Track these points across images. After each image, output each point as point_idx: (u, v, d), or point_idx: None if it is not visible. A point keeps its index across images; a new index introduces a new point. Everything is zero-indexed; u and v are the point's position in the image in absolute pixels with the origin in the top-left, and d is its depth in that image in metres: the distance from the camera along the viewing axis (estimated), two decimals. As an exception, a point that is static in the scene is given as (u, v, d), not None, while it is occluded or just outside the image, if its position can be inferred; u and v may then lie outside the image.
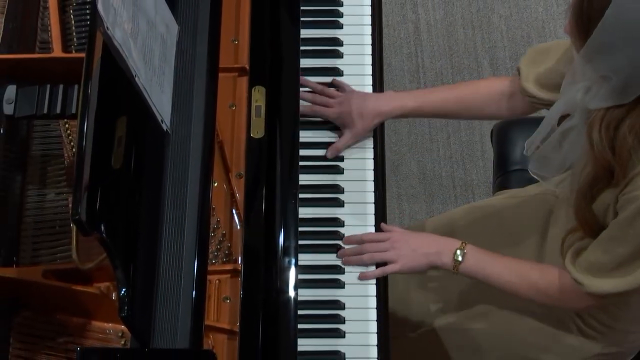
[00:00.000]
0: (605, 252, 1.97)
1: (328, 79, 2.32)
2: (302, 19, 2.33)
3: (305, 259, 2.13)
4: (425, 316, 2.34)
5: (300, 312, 2.06)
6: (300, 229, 2.13)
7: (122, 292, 1.81)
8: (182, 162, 2.05)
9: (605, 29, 1.78)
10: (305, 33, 2.33)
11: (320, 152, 2.26)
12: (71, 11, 2.30)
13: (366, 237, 2.17)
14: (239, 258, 2.09)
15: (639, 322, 2.22)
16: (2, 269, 2.04)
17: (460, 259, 2.13)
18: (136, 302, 1.83)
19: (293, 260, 2.10)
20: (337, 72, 2.32)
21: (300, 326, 2.05)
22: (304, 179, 2.20)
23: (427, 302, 2.31)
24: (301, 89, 2.28)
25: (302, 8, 2.34)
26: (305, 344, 2.05)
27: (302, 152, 2.22)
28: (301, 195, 2.17)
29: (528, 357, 2.30)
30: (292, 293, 2.07)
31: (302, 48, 2.30)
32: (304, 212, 2.16)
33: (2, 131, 2.16)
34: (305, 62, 2.30)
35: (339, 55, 2.34)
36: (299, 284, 2.09)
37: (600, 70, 1.85)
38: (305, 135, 2.24)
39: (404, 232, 2.18)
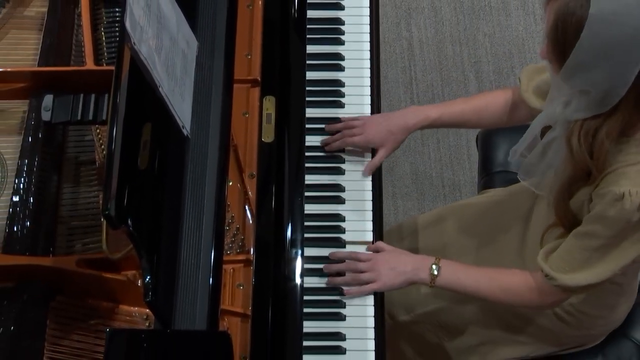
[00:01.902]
0: (577, 246, 1.96)
1: (331, 89, 2.31)
2: (308, 36, 2.33)
3: (311, 250, 2.13)
4: (418, 300, 2.34)
5: (305, 297, 2.06)
6: (305, 223, 2.13)
7: (147, 279, 1.81)
8: (201, 164, 2.05)
9: (582, 51, 1.78)
10: (310, 49, 2.33)
11: (324, 155, 2.25)
12: (102, 29, 2.30)
13: (350, 255, 2.13)
14: (251, 249, 2.08)
15: (611, 309, 2.21)
16: (40, 258, 2.04)
17: (436, 272, 2.08)
18: (159, 289, 1.83)
19: (299, 252, 2.10)
20: (339, 83, 2.31)
21: (305, 310, 2.05)
22: (309, 178, 2.19)
23: (419, 286, 2.30)
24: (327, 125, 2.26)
25: (308, 26, 2.34)
26: (310, 326, 2.05)
27: (308, 155, 2.21)
28: (306, 194, 2.16)
29: (506, 336, 2.29)
30: (298, 280, 2.07)
31: (307, 62, 2.30)
32: (309, 209, 2.16)
33: (40, 136, 2.16)
34: (310, 75, 2.30)
35: (341, 68, 2.34)
36: (305, 273, 2.09)
37: (579, 86, 1.84)
38: (310, 140, 2.24)
39: (384, 253, 2.13)
